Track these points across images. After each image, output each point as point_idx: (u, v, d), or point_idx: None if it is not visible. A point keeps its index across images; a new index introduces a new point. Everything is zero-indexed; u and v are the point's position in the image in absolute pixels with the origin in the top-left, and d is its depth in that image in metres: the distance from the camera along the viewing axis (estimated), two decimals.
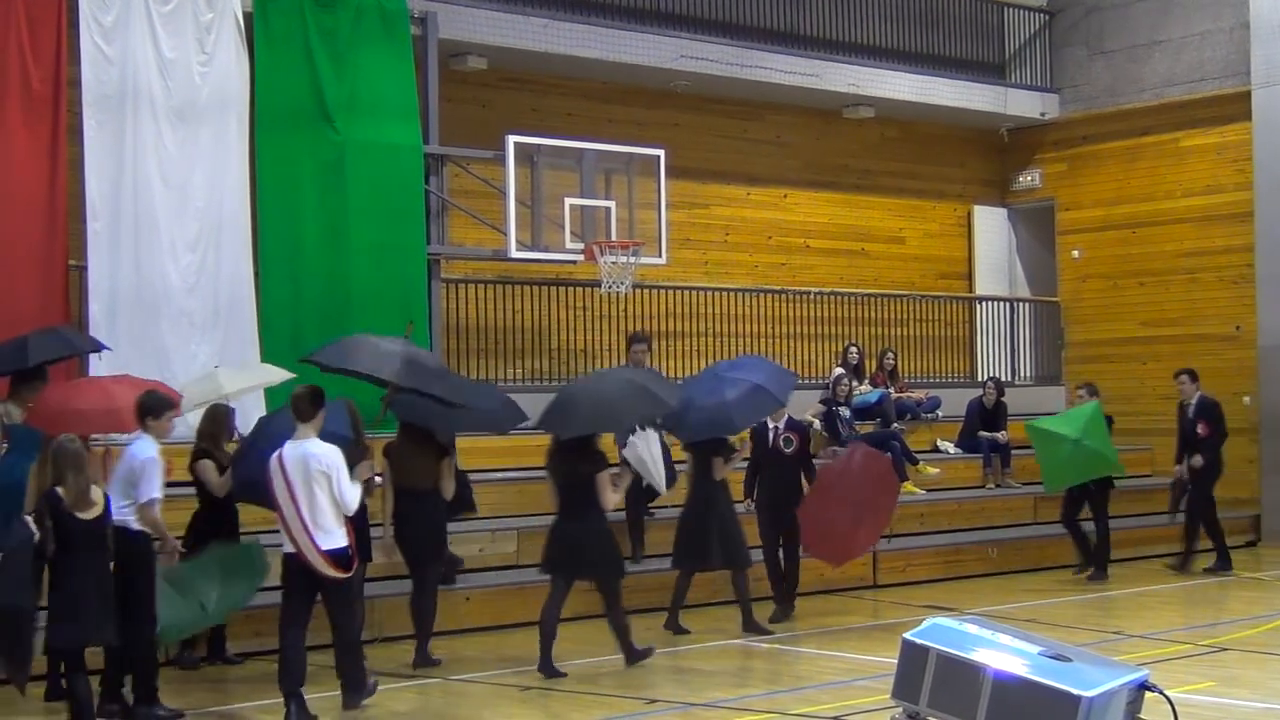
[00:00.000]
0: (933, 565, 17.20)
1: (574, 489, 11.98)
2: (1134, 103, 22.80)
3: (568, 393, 12.80)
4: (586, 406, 12.25)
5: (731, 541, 13.70)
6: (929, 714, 7.17)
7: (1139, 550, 19.26)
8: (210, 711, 10.93)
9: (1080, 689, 6.75)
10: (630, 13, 19.45)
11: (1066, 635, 12.64)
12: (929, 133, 23.40)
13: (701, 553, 13.71)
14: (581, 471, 11.95)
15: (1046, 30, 23.87)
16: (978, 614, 12.51)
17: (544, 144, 17.09)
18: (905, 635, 7.30)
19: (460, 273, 18.21)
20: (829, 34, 21.49)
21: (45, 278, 14.37)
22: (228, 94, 15.48)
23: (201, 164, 15.31)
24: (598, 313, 18.84)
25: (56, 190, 14.46)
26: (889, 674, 7.46)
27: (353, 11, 16.20)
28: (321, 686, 10.87)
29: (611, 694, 11.34)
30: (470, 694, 11.40)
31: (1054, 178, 23.85)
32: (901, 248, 23.28)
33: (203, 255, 15.26)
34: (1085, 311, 23.40)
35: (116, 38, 14.80)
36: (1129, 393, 22.51)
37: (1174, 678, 10.45)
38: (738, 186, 21.49)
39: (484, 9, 17.78)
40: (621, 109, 20.06)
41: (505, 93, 19.07)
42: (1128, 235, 22.89)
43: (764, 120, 21.68)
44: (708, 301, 20.14)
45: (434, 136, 16.96)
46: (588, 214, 17.11)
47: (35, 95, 14.33)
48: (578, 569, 12.16)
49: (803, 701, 10.77)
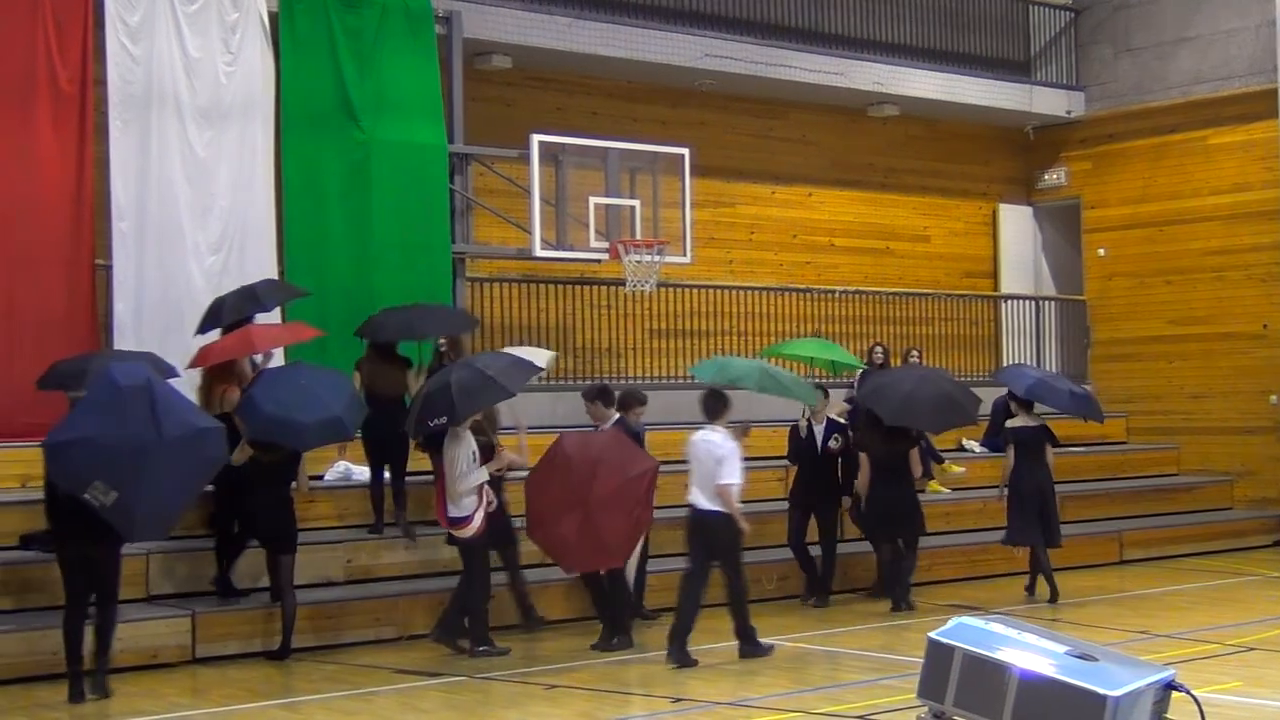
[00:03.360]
0: (958, 564, 17.17)
1: (893, 461, 14.87)
2: (1160, 100, 22.72)
3: (902, 386, 14.98)
4: (929, 402, 14.90)
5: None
6: (954, 713, 7.15)
7: (1164, 550, 19.24)
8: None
9: (1106, 688, 6.73)
10: (655, 11, 19.46)
11: (1092, 635, 12.61)
12: (954, 131, 23.35)
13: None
14: (900, 449, 14.94)
15: (1072, 28, 23.81)
16: (1003, 613, 12.49)
17: (569, 143, 17.10)
18: (931, 634, 7.28)
19: (485, 272, 18.22)
20: (854, 32, 21.47)
21: (72, 276, 14.44)
22: (253, 94, 15.52)
23: (226, 164, 15.36)
24: (622, 311, 18.84)
25: (83, 189, 14.53)
26: (914, 673, 7.45)
27: (378, 11, 16.23)
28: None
29: (638, 693, 11.35)
30: (496, 692, 11.41)
31: (1080, 176, 23.78)
32: (927, 246, 23.24)
33: (226, 256, 15.30)
34: (1111, 310, 23.33)
35: (142, 37, 14.86)
36: (1156, 391, 22.50)
37: (1200, 677, 10.40)
38: (762, 185, 21.48)
39: (509, 8, 17.80)
40: (646, 108, 20.06)
41: (530, 92, 19.09)
42: (1154, 233, 22.81)
43: (789, 119, 21.67)
44: (732, 300, 20.13)
45: (459, 136, 16.99)
46: (612, 213, 17.11)
47: (63, 95, 14.40)
48: (897, 529, 15.02)
49: (828, 700, 10.75)
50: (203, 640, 12.39)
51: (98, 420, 10.45)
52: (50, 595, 12.29)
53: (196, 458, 10.81)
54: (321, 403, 12.31)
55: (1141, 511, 20.22)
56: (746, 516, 12.56)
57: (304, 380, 12.46)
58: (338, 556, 13.92)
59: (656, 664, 12.36)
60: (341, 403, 12.45)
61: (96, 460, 10.31)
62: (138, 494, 10.37)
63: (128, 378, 10.63)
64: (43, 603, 12.25)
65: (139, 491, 10.36)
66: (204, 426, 10.97)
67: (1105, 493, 20.41)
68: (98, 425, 10.41)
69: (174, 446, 10.47)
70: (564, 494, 12.40)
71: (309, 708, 10.76)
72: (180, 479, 10.74)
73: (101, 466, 10.30)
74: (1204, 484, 21.52)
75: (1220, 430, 21.84)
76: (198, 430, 10.82)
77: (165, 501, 10.71)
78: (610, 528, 12.45)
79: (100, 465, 10.30)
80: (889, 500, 15.11)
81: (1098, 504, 20.00)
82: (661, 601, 14.75)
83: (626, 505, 12.49)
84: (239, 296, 14.07)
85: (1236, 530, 20.45)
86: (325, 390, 12.45)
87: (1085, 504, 19.80)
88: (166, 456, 10.43)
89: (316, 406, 12.26)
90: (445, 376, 12.64)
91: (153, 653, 12.03)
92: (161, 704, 10.93)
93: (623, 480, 12.49)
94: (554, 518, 12.45)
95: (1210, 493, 21.42)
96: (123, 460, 10.32)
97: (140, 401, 10.45)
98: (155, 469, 10.40)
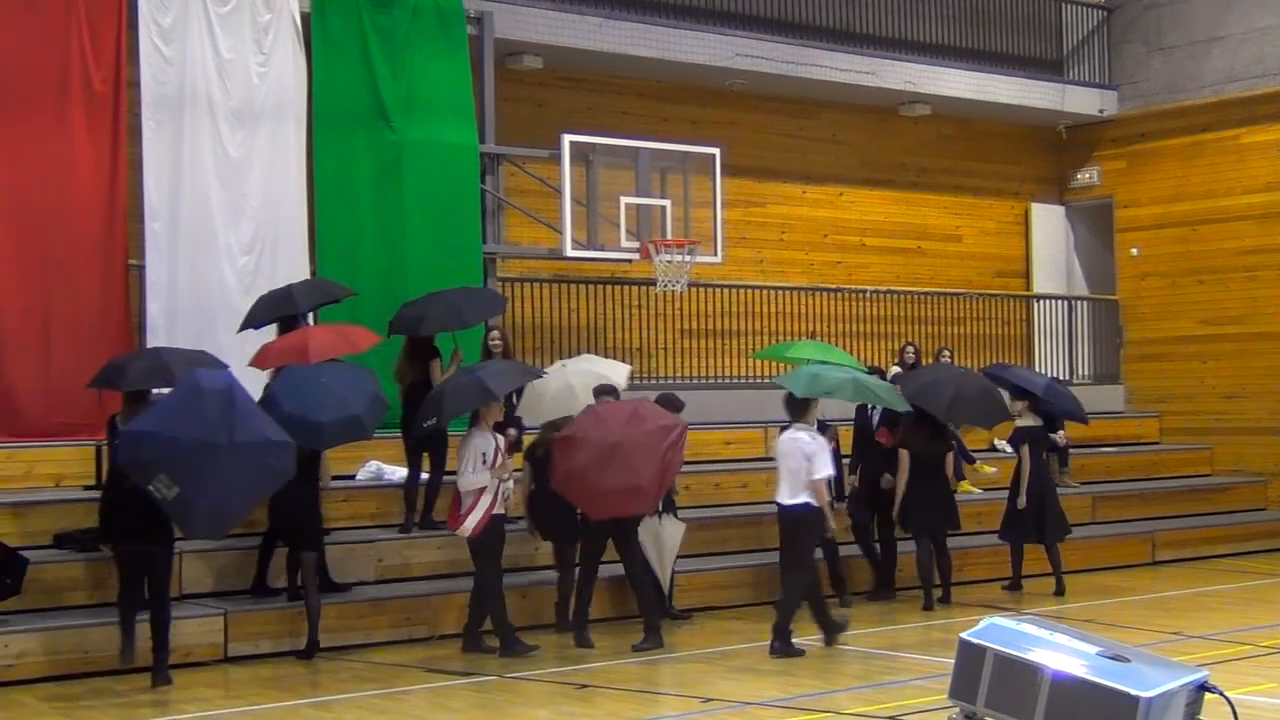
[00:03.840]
0: (990, 564, 17.10)
1: (936, 459, 15.30)
2: (1193, 99, 22.62)
3: (949, 384, 15.32)
4: (977, 398, 15.36)
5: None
6: (986, 714, 7.13)
7: (1197, 550, 19.16)
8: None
9: (1139, 689, 6.70)
10: (686, 11, 19.45)
11: (1125, 635, 12.57)
12: (986, 130, 23.29)
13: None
14: (942, 448, 15.41)
15: (1105, 26, 23.72)
16: (1035, 614, 12.45)
17: (600, 143, 17.11)
18: (962, 635, 7.26)
19: (516, 272, 18.25)
20: (885, 32, 21.42)
21: (105, 276, 14.51)
22: (285, 95, 15.57)
23: (258, 164, 15.40)
24: (653, 311, 18.85)
25: (116, 190, 14.60)
26: (946, 674, 7.43)
27: (409, 11, 16.26)
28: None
29: (668, 692, 11.35)
30: (527, 691, 11.42)
31: (1112, 175, 23.69)
32: (958, 246, 23.19)
33: (258, 257, 15.35)
34: (1144, 310, 23.23)
35: (175, 39, 14.92)
36: (1189, 391, 22.40)
37: (1234, 679, 10.36)
38: (793, 185, 21.46)
39: (540, 8, 17.82)
40: (677, 107, 20.06)
41: (561, 92, 19.11)
42: (1187, 233, 22.71)
43: (820, 118, 21.64)
44: (763, 300, 20.10)
45: (490, 136, 17.01)
46: (643, 212, 17.11)
47: (96, 96, 14.47)
48: (941, 524, 15.41)
49: (859, 701, 10.74)
50: (235, 639, 12.44)
51: (175, 418, 10.93)
52: (82, 595, 12.40)
53: (262, 467, 11.18)
54: (341, 401, 12.38)
55: (1174, 512, 20.14)
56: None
57: (325, 378, 12.54)
58: (369, 556, 13.95)
59: (688, 663, 12.38)
60: (362, 401, 12.50)
61: (165, 454, 10.74)
62: (199, 492, 10.78)
63: (211, 382, 11.15)
64: (75, 601, 12.33)
65: (201, 490, 10.78)
66: (274, 439, 11.27)
67: (1138, 493, 20.34)
68: (174, 422, 10.88)
69: (241, 452, 10.90)
70: (598, 441, 12.65)
71: (340, 707, 10.79)
72: (244, 484, 11.11)
73: (169, 461, 10.72)
74: (1237, 484, 21.41)
75: (1254, 430, 21.73)
76: (268, 442, 11.20)
77: (224, 503, 11.10)
78: (643, 465, 12.68)
79: (168, 460, 10.72)
80: (933, 498, 15.38)
81: (1130, 504, 19.93)
82: (691, 602, 14.78)
83: (658, 446, 12.78)
84: (272, 300, 14.17)
85: (1270, 531, 20.34)
86: (345, 389, 12.50)
87: (1118, 504, 19.74)
88: (232, 460, 10.85)
89: (336, 405, 12.33)
90: (449, 382, 13.01)
91: (185, 651, 12.06)
92: (194, 703, 10.98)
93: (655, 426, 12.88)
94: (584, 466, 12.63)
95: (1243, 493, 21.32)
96: (189, 458, 10.73)
97: (217, 405, 10.93)
98: (219, 470, 10.80)
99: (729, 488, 15.87)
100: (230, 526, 11.77)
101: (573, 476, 12.74)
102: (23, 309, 14.07)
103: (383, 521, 14.60)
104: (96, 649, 11.73)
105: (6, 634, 11.50)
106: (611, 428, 12.78)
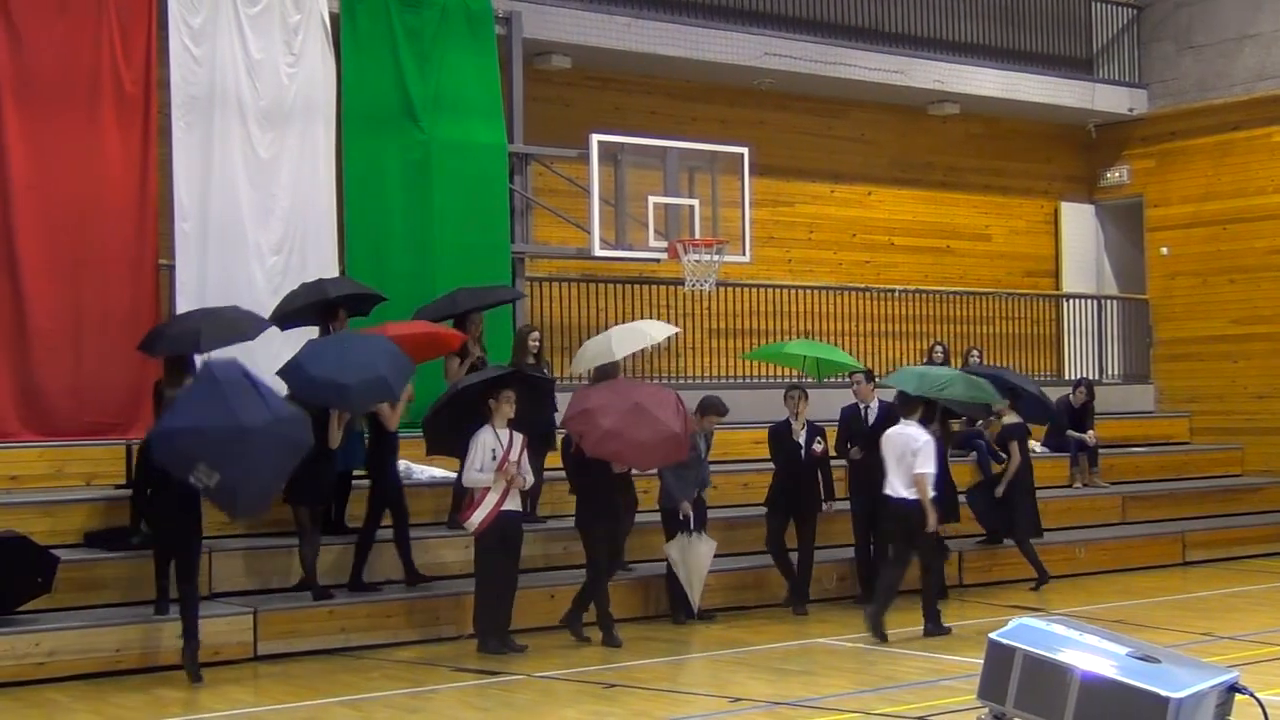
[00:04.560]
0: (1019, 565, 17.03)
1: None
2: (1224, 97, 22.52)
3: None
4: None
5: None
6: (1015, 715, 7.12)
7: (1229, 551, 19.09)
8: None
9: (1169, 690, 6.69)
10: (714, 10, 19.45)
11: (1155, 636, 12.52)
12: (1015, 129, 23.23)
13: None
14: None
15: (1135, 25, 23.63)
16: (1065, 614, 12.41)
17: (628, 142, 17.10)
18: (991, 635, 7.26)
19: (544, 271, 18.27)
20: (914, 30, 21.39)
21: (136, 276, 14.56)
22: (315, 95, 15.61)
23: (288, 165, 15.44)
24: (681, 311, 18.83)
25: (147, 190, 14.65)
26: (975, 674, 7.43)
27: (438, 11, 16.30)
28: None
29: (696, 692, 11.35)
30: (554, 690, 11.43)
31: (1142, 174, 23.60)
32: (987, 245, 23.13)
33: (287, 256, 15.38)
34: (1175, 309, 23.14)
35: (205, 39, 14.97)
36: (1220, 391, 22.31)
37: (1264, 680, 10.31)
38: (822, 184, 21.44)
39: (568, 8, 17.84)
40: (705, 107, 20.06)
41: (589, 91, 19.12)
42: (1218, 232, 22.62)
43: (848, 117, 21.61)
44: (791, 300, 20.08)
45: (518, 135, 17.03)
46: (671, 212, 17.11)
47: (127, 96, 14.52)
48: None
49: (887, 701, 10.72)
50: (265, 637, 12.47)
51: (200, 410, 11.18)
52: (113, 593, 12.45)
53: (287, 442, 11.42)
54: (366, 364, 12.62)
55: (1205, 512, 20.07)
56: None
57: (347, 344, 12.90)
58: (398, 556, 13.95)
59: (715, 663, 12.36)
60: (385, 363, 12.74)
61: (199, 444, 11.00)
62: (240, 475, 11.06)
63: (224, 372, 11.46)
64: (106, 600, 12.38)
65: (242, 472, 11.07)
66: (291, 415, 11.57)
67: (1168, 493, 20.27)
68: (200, 414, 11.13)
69: (270, 431, 11.17)
70: (619, 404, 12.96)
71: (370, 705, 10.82)
72: (276, 461, 11.44)
73: (204, 450, 10.98)
74: (1268, 485, 21.31)
75: None
76: (288, 417, 11.49)
77: (264, 481, 11.41)
78: (668, 416, 13.06)
79: (202, 449, 10.98)
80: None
81: (1160, 505, 19.86)
82: (718, 602, 14.76)
83: (671, 401, 13.28)
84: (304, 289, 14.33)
85: None
86: (368, 353, 12.76)
87: (1148, 505, 19.68)
88: (264, 440, 11.15)
89: (361, 368, 12.57)
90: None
91: (215, 650, 12.10)
92: (224, 701, 11.02)
93: (654, 388, 13.69)
94: (616, 426, 12.85)
95: (1274, 493, 21.20)
96: (225, 445, 10.98)
97: (238, 391, 11.24)
98: (253, 451, 11.11)
99: (757, 487, 15.83)
100: (269, 504, 12.05)
101: (608, 437, 12.89)
102: (53, 308, 14.14)
103: (412, 521, 14.58)
104: (127, 647, 11.78)
105: (38, 632, 11.56)
106: (624, 392, 13.24)
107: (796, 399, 14.96)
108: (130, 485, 13.28)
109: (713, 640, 13.42)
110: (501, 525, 12.56)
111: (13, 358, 13.96)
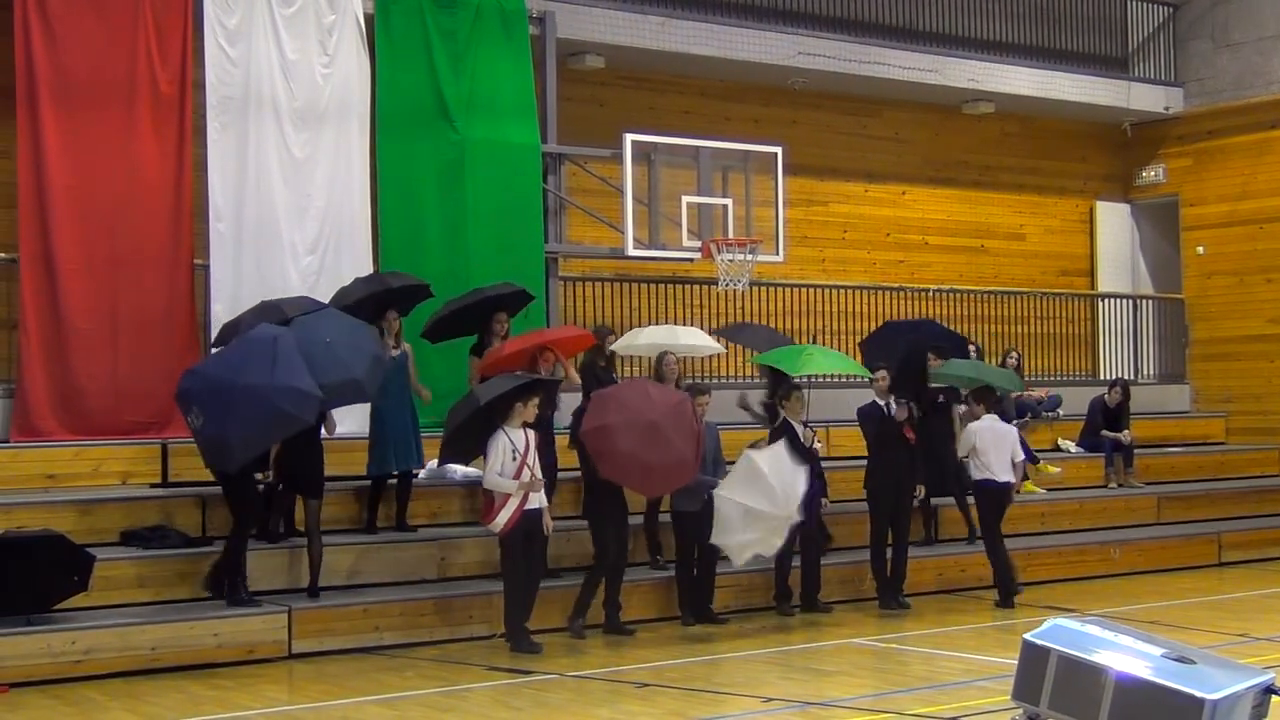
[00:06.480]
0: (1054, 566, 17.02)
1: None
2: (1261, 96, 22.41)
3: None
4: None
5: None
6: (1049, 715, 7.10)
7: (1264, 552, 18.99)
8: None
9: (1204, 692, 6.66)
10: (747, 10, 19.44)
11: (1190, 637, 12.46)
12: (1050, 128, 23.17)
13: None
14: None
15: (1170, 23, 23.54)
16: (1099, 615, 12.37)
17: (661, 142, 17.11)
18: (1026, 636, 7.23)
19: (578, 271, 18.29)
20: (948, 29, 21.34)
21: (171, 276, 14.64)
22: (349, 95, 15.66)
23: (322, 165, 15.51)
24: (715, 310, 18.83)
25: (182, 190, 14.72)
26: (1009, 675, 7.40)
27: (472, 12, 16.33)
28: None
29: (728, 691, 11.34)
30: (588, 690, 11.44)
31: (1178, 173, 23.50)
32: (1022, 244, 23.07)
33: (322, 256, 15.46)
34: (1210, 309, 23.03)
35: (240, 40, 15.03)
36: (1256, 391, 22.20)
37: None
38: (856, 183, 21.41)
39: (601, 8, 17.86)
40: (739, 106, 20.05)
41: (622, 91, 19.14)
42: (1254, 230, 22.50)
43: (882, 116, 21.58)
44: (825, 299, 20.06)
45: (552, 135, 17.06)
46: (705, 212, 17.11)
47: (163, 97, 14.60)
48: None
49: (921, 702, 10.70)
50: (299, 636, 12.51)
51: (216, 359, 12.89)
52: (149, 592, 12.52)
53: (277, 411, 12.00)
54: (342, 364, 12.62)
55: (1241, 513, 19.98)
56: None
57: (329, 338, 12.76)
58: (431, 554, 14.01)
59: (748, 663, 12.35)
60: (363, 365, 12.77)
61: (195, 389, 12.18)
62: (215, 424, 11.98)
63: (260, 332, 12.41)
64: (142, 599, 12.45)
65: (217, 423, 11.96)
66: (300, 389, 12.06)
67: (1204, 494, 20.18)
68: (213, 363, 12.80)
69: (255, 392, 11.88)
70: (635, 423, 12.86)
71: (404, 704, 10.85)
72: (253, 424, 11.99)
73: (198, 395, 12.11)
74: None
75: None
76: (289, 389, 12.02)
77: (225, 437, 12.01)
78: (680, 440, 13.02)
79: (197, 394, 12.12)
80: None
81: (1196, 505, 19.78)
82: (749, 602, 14.76)
83: (687, 417, 13.23)
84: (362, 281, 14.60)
85: None
86: (347, 350, 12.74)
87: (1184, 505, 19.60)
88: (244, 399, 11.87)
89: (336, 368, 12.55)
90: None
91: (249, 648, 12.17)
92: (259, 699, 11.06)
93: (674, 400, 13.35)
94: (632, 449, 12.82)
95: None
96: (214, 394, 12.00)
97: (253, 351, 12.17)
98: (230, 407, 11.87)
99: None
100: (232, 463, 12.19)
101: (621, 460, 12.91)
102: (90, 308, 14.23)
103: (444, 520, 14.67)
104: (163, 645, 11.84)
105: (74, 630, 11.62)
106: (640, 409, 13.02)
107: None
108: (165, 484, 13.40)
109: (744, 641, 13.41)
110: (526, 525, 12.58)
111: (49, 357, 14.05)
